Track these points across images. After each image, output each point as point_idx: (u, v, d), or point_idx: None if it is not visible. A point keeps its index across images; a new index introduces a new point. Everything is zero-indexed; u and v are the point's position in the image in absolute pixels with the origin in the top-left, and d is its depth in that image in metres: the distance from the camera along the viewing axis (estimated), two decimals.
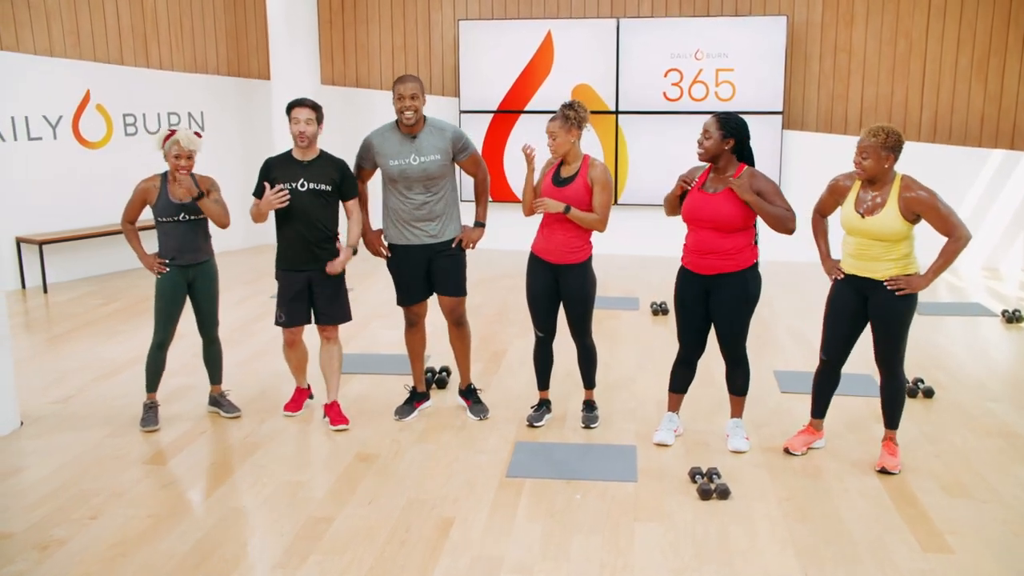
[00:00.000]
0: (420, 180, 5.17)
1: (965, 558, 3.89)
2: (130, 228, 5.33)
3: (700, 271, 4.84)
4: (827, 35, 10.08)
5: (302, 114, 5.08)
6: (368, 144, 5.26)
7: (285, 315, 5.31)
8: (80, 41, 9.45)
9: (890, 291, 4.52)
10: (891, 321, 4.58)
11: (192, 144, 5.14)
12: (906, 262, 4.53)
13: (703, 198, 4.77)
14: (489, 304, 8.27)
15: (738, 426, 5.12)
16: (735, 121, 4.71)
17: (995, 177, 9.87)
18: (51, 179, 9.20)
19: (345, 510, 4.33)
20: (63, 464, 4.88)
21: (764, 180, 4.73)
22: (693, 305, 4.94)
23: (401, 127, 5.17)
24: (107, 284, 9.27)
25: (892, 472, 4.69)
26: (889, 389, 4.74)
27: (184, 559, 3.89)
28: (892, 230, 4.45)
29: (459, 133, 5.29)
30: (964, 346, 7.08)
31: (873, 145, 4.41)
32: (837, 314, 4.76)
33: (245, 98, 11.09)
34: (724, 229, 4.73)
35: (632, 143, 10.51)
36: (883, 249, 4.51)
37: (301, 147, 5.14)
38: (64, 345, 7.16)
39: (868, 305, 4.64)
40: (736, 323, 4.89)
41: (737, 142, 4.72)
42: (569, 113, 4.97)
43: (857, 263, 4.63)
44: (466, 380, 5.69)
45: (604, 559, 3.89)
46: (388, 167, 5.18)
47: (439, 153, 5.17)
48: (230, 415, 5.54)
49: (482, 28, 10.70)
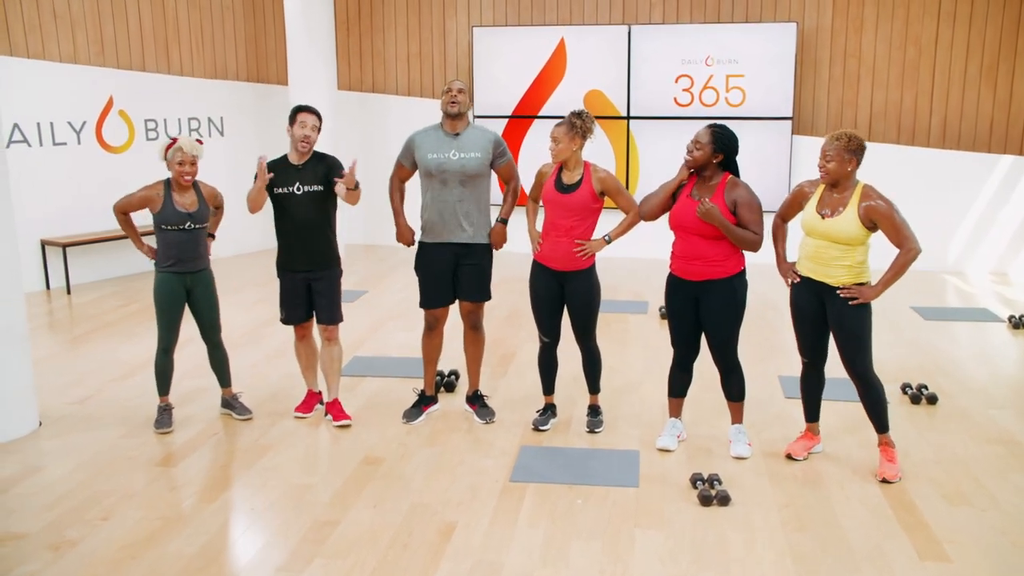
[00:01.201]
0: (457, 176, 5.28)
1: (962, 567, 3.93)
2: (124, 219, 5.46)
3: (688, 277, 4.92)
4: (837, 41, 10.10)
5: (309, 120, 5.24)
6: (410, 140, 5.42)
7: (285, 313, 5.54)
8: (104, 49, 9.63)
9: (844, 299, 4.63)
10: (848, 329, 4.68)
11: (195, 150, 5.26)
12: (859, 270, 4.63)
13: (690, 205, 4.85)
14: (501, 306, 8.34)
15: (740, 432, 5.18)
16: (728, 137, 4.81)
17: (1004, 183, 9.86)
18: (75, 183, 9.40)
19: (350, 514, 4.42)
20: (79, 465, 5.01)
21: (744, 191, 4.80)
22: (683, 310, 5.01)
23: (445, 123, 5.33)
24: (128, 285, 9.44)
25: (891, 481, 4.74)
26: (866, 396, 4.81)
27: (190, 562, 3.99)
28: (849, 234, 4.54)
29: (500, 139, 5.44)
30: (970, 352, 7.10)
31: (836, 148, 4.53)
32: (802, 317, 4.87)
33: (263, 103, 11.23)
34: (710, 236, 4.81)
35: (643, 148, 10.57)
36: (839, 253, 4.61)
37: (301, 152, 5.28)
38: (84, 346, 7.32)
39: (826, 311, 4.74)
40: (727, 330, 4.96)
41: (726, 156, 4.80)
42: (576, 121, 5.05)
43: (813, 266, 4.73)
44: (474, 385, 5.78)
45: (603, 565, 3.95)
46: (426, 160, 5.30)
47: (479, 151, 5.30)
48: (242, 417, 5.66)
49: (496, 35, 10.80)
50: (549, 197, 5.17)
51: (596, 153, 10.27)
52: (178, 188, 5.31)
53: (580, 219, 5.12)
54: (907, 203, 9.01)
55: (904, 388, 6.07)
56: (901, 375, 6.41)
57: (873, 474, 4.82)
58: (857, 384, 4.80)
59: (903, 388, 6.07)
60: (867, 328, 4.70)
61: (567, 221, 5.11)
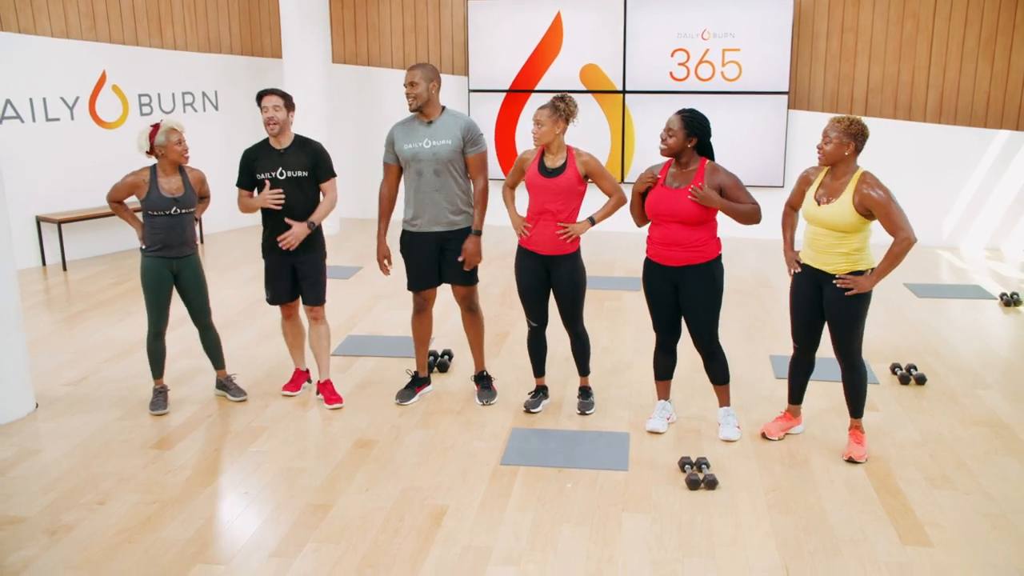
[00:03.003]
0: (431, 165, 5.29)
1: (942, 551, 3.99)
2: (119, 206, 5.50)
3: (666, 263, 4.95)
4: (834, 15, 10.04)
5: (270, 102, 5.35)
6: (390, 135, 5.45)
7: (270, 294, 5.64)
8: (96, 23, 9.57)
9: (841, 289, 4.66)
10: (842, 317, 4.73)
11: (182, 125, 5.35)
12: (857, 257, 4.64)
13: (666, 193, 4.88)
14: (495, 283, 8.37)
15: (729, 414, 5.23)
16: (699, 121, 4.82)
17: (1000, 157, 9.85)
18: (69, 159, 9.39)
19: (342, 498, 4.48)
20: (74, 447, 5.07)
21: (725, 174, 4.85)
22: (662, 295, 5.05)
23: (419, 115, 5.34)
24: (123, 262, 9.46)
25: (859, 461, 4.83)
26: (849, 380, 4.87)
27: (185, 546, 4.06)
28: (844, 221, 4.56)
29: (473, 125, 5.42)
30: (960, 331, 7.14)
31: (837, 130, 4.55)
32: (798, 305, 4.93)
33: (258, 77, 11.17)
34: (688, 222, 4.85)
35: (639, 122, 10.54)
36: (835, 240, 4.63)
37: (273, 134, 5.36)
38: (80, 324, 7.36)
39: (823, 299, 4.79)
40: (706, 315, 5.01)
41: (699, 141, 4.83)
42: (560, 105, 5.08)
43: (812, 254, 4.76)
44: (479, 366, 5.81)
45: (591, 550, 4.02)
46: (403, 151, 5.34)
47: (450, 138, 5.30)
48: (237, 399, 5.72)
49: (491, 8, 10.72)
50: (534, 182, 5.19)
51: (591, 128, 10.28)
52: (164, 174, 5.33)
53: (566, 202, 5.16)
54: (903, 178, 9.19)
55: (894, 368, 6.12)
56: (892, 355, 6.46)
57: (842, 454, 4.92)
58: (843, 367, 4.87)
59: (892, 368, 6.12)
60: (862, 317, 4.74)
61: (553, 205, 5.14)
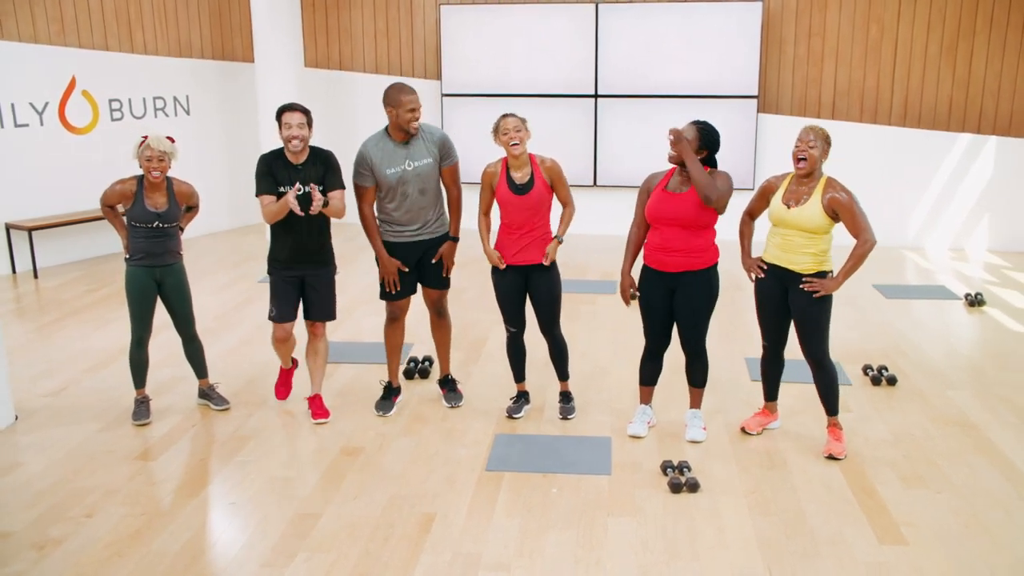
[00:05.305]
0: (417, 185, 5.33)
1: (917, 550, 4.12)
2: (110, 211, 5.49)
3: (665, 268, 5.03)
4: (802, 20, 10.21)
5: (294, 119, 5.11)
6: (363, 154, 5.31)
7: (276, 311, 5.44)
8: (64, 28, 9.49)
9: (807, 292, 4.84)
10: (808, 318, 4.91)
11: (161, 144, 5.21)
12: (822, 258, 4.88)
13: (667, 197, 4.96)
14: (470, 288, 8.38)
15: (696, 416, 5.34)
16: (712, 134, 4.91)
17: (962, 160, 10.11)
18: (39, 165, 9.30)
19: (330, 507, 4.52)
20: (58, 460, 5.06)
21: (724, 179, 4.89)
22: (659, 304, 5.13)
23: (394, 133, 5.28)
24: (96, 268, 9.39)
25: (838, 458, 4.99)
26: (820, 379, 5.04)
27: (176, 559, 4.07)
28: (814, 223, 4.78)
29: (445, 138, 5.45)
30: (927, 332, 7.30)
31: (820, 137, 4.79)
32: (764, 305, 5.11)
33: (229, 81, 11.14)
34: (688, 227, 4.93)
35: (610, 126, 10.63)
36: (805, 241, 4.83)
37: (295, 151, 5.17)
38: (55, 333, 7.31)
39: (788, 298, 4.96)
40: (700, 320, 5.10)
41: (709, 153, 4.91)
42: (518, 115, 5.21)
43: (779, 253, 4.94)
44: (445, 370, 5.88)
45: (578, 555, 4.10)
46: (386, 176, 5.28)
47: (429, 156, 5.34)
48: (219, 408, 5.72)
49: (463, 12, 10.76)
50: (506, 199, 5.26)
51: (563, 132, 10.37)
52: (149, 186, 5.31)
53: (539, 215, 5.27)
54: (869, 180, 9.39)
55: (865, 370, 6.26)
56: (863, 356, 6.60)
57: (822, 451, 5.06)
58: (813, 367, 5.03)
59: (864, 370, 6.27)
60: (826, 317, 4.93)
61: (526, 218, 5.24)
